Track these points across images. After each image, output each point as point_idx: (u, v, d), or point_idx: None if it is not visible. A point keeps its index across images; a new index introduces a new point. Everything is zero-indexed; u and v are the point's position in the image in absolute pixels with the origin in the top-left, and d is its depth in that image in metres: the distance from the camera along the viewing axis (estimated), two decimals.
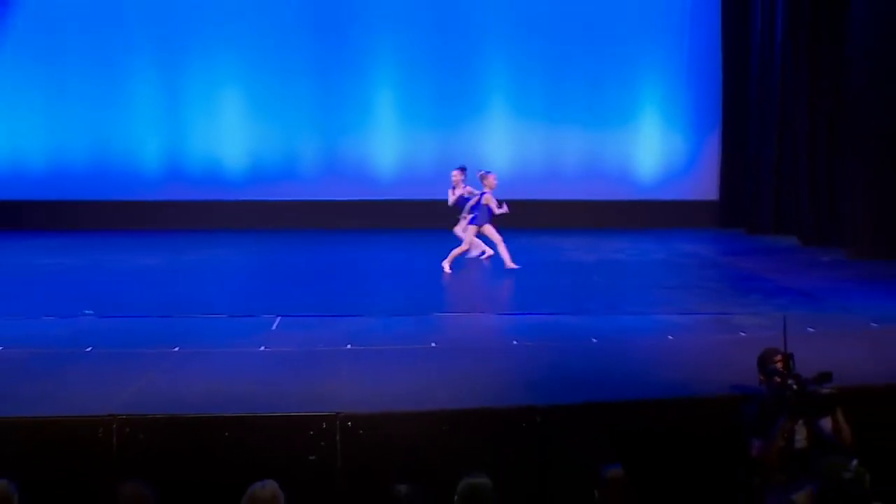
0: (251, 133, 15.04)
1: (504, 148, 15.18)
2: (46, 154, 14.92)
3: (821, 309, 8.90)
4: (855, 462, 4.28)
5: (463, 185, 11.35)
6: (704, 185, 15.20)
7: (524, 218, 14.58)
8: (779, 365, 5.51)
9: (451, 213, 14.50)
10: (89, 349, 7.29)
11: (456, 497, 4.65)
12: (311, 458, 5.70)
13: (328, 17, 14.96)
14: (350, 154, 15.01)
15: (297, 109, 14.92)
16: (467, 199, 11.21)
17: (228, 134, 14.97)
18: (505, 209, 11.05)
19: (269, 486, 4.48)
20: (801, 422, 5.25)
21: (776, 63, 13.65)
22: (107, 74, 14.78)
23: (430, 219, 14.65)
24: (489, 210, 11.03)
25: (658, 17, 15.14)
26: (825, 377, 5.19)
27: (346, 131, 15.00)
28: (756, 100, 14.21)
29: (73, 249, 12.72)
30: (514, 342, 7.66)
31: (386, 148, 15.17)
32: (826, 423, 5.47)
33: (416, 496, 4.70)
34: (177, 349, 7.28)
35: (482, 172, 11.34)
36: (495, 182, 11.22)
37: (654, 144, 15.28)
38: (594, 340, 7.69)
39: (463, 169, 11.48)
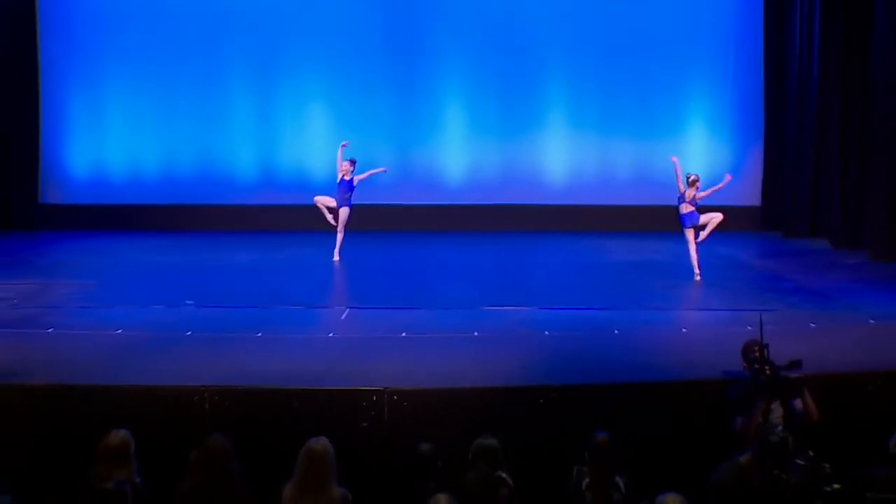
0: (335, 144, 15.71)
1: (561, 157, 15.67)
2: (158, 164, 15.70)
3: (828, 307, 9.39)
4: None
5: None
6: (747, 192, 15.29)
7: (578, 222, 15.27)
8: (756, 354, 6.18)
9: (513, 217, 15.21)
10: (189, 333, 8.33)
11: (470, 454, 5.49)
12: (364, 424, 6.61)
13: (404, 40, 15.51)
14: (422, 163, 15.50)
15: (375, 123, 15.43)
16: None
17: (314, 145, 15.56)
18: None
19: (321, 441, 5.36)
20: (777, 402, 5.92)
21: (813, 77, 13.94)
22: (210, 94, 15.54)
23: (494, 221, 15.38)
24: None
25: (704, 36, 15.37)
26: (795, 364, 5.80)
27: (419, 142, 15.52)
28: (794, 112, 14.44)
29: (179, 248, 13.45)
30: (546, 332, 8.41)
31: (454, 157, 15.67)
32: (798, 404, 6.15)
33: (435, 454, 5.54)
34: (259, 335, 8.25)
35: None
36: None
37: (700, 154, 15.45)
38: (616, 332, 8.40)
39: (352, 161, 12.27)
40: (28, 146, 15.70)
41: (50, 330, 8.42)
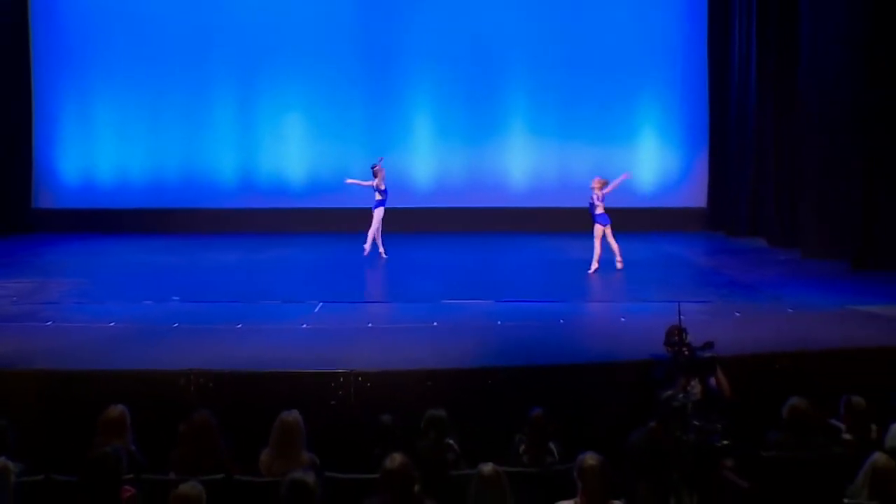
0: (311, 151, 16.15)
1: (522, 162, 16.30)
2: (146, 169, 16.20)
3: (755, 298, 10.11)
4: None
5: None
6: (694, 194, 16.08)
7: (539, 223, 15.92)
8: (676, 337, 6.87)
9: (478, 219, 15.76)
10: (175, 325, 8.93)
11: (422, 424, 6.16)
12: (332, 402, 7.25)
13: (376, 53, 16.10)
14: (393, 168, 15.94)
15: (349, 130, 16.04)
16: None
17: (292, 151, 16.17)
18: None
19: (293, 413, 6.02)
20: (695, 380, 6.62)
21: (751, 89, 14.70)
22: (194, 103, 16.09)
23: (460, 224, 15.94)
24: None
25: (654, 49, 16.05)
26: (708, 345, 6.47)
27: (390, 148, 15.74)
28: (735, 121, 15.22)
29: (166, 249, 13.94)
30: (499, 322, 9.07)
31: (423, 163, 16.26)
32: (713, 381, 6.87)
33: (395, 424, 6.21)
34: (240, 326, 8.86)
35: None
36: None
37: (651, 159, 16.21)
38: (561, 321, 9.08)
39: None
40: (21, 153, 16.18)
41: (49, 323, 8.99)
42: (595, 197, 11.80)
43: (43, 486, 5.62)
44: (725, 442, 5.35)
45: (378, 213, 12.77)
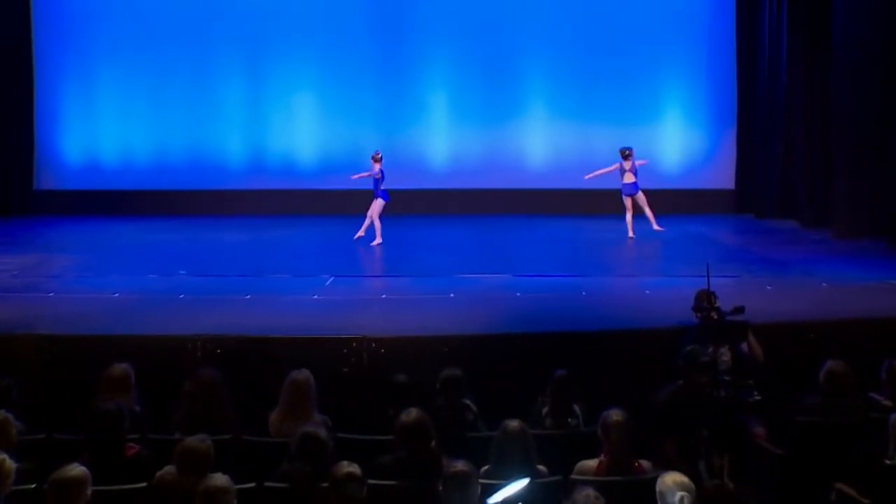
0: (321, 130, 16.12)
1: (541, 142, 16.24)
2: (150, 150, 16.20)
3: (786, 273, 10.04)
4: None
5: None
6: (722, 176, 15.94)
7: (559, 205, 15.84)
8: (705, 302, 6.80)
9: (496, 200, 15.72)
10: (182, 296, 8.93)
11: (437, 384, 6.12)
12: (345, 370, 7.21)
13: (389, 28, 16.04)
14: (406, 149, 15.88)
15: (361, 110, 15.98)
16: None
17: (302, 131, 16.12)
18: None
19: (304, 372, 5.99)
20: (725, 347, 6.55)
21: (782, 66, 14.57)
22: (200, 82, 16.05)
23: (477, 205, 15.90)
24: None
25: (680, 25, 15.93)
26: (739, 310, 6.42)
27: (404, 128, 16.00)
28: (765, 99, 15.08)
29: (172, 229, 13.95)
30: (518, 294, 9.03)
31: (438, 143, 16.20)
32: (745, 347, 6.79)
33: (410, 384, 6.16)
34: (248, 297, 8.86)
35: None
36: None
37: (676, 138, 16.06)
38: (583, 294, 9.03)
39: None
40: (22, 134, 16.18)
41: (51, 294, 9.01)
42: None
43: (45, 444, 5.61)
44: (758, 397, 5.26)
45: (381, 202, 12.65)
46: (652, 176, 15.99)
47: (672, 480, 4.28)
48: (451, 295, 8.91)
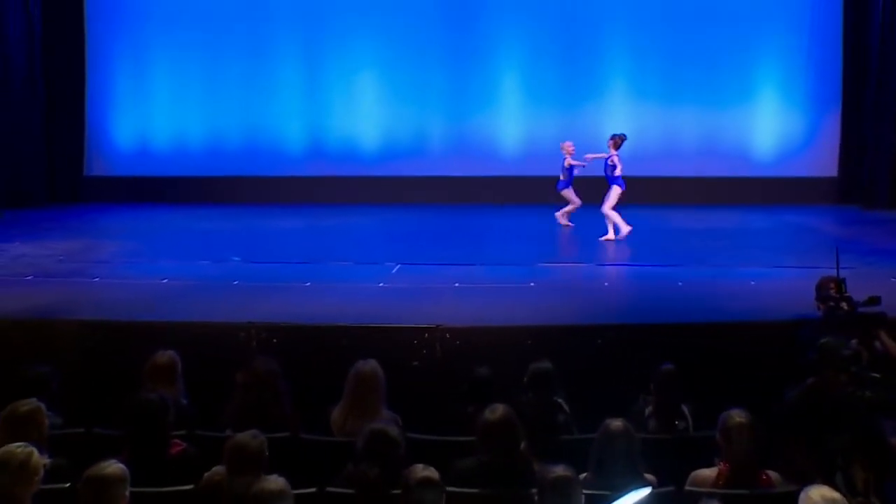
0: (385, 114, 15.79)
1: (623, 127, 15.57)
2: (204, 135, 15.99)
3: None
4: (854, 341, 4.92)
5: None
6: (823, 162, 15.17)
7: (641, 194, 15.19)
8: (832, 290, 6.14)
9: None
10: (236, 283, 8.53)
11: (525, 379, 5.56)
12: (415, 363, 6.71)
13: (457, 5, 15.62)
14: (477, 133, 15.54)
15: (427, 92, 15.55)
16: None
17: (364, 115, 15.74)
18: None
19: (370, 363, 5.51)
20: (854, 341, 5.86)
21: None
22: (257, 65, 15.78)
23: (551, 193, 15.36)
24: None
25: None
26: (874, 300, 5.77)
27: (474, 112, 15.55)
28: (876, 78, 14.24)
29: (227, 217, 13.68)
30: (606, 284, 8.45)
31: (510, 127, 15.71)
32: (878, 345, 6.09)
33: (492, 378, 5.61)
34: (308, 284, 8.43)
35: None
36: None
37: (771, 122, 15.37)
38: (680, 284, 8.40)
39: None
40: (73, 118, 16.09)
41: (96, 279, 8.69)
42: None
43: (83, 439, 5.22)
44: None
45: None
46: (742, 162, 15.35)
47: (821, 496, 3.70)
48: (532, 284, 8.35)
